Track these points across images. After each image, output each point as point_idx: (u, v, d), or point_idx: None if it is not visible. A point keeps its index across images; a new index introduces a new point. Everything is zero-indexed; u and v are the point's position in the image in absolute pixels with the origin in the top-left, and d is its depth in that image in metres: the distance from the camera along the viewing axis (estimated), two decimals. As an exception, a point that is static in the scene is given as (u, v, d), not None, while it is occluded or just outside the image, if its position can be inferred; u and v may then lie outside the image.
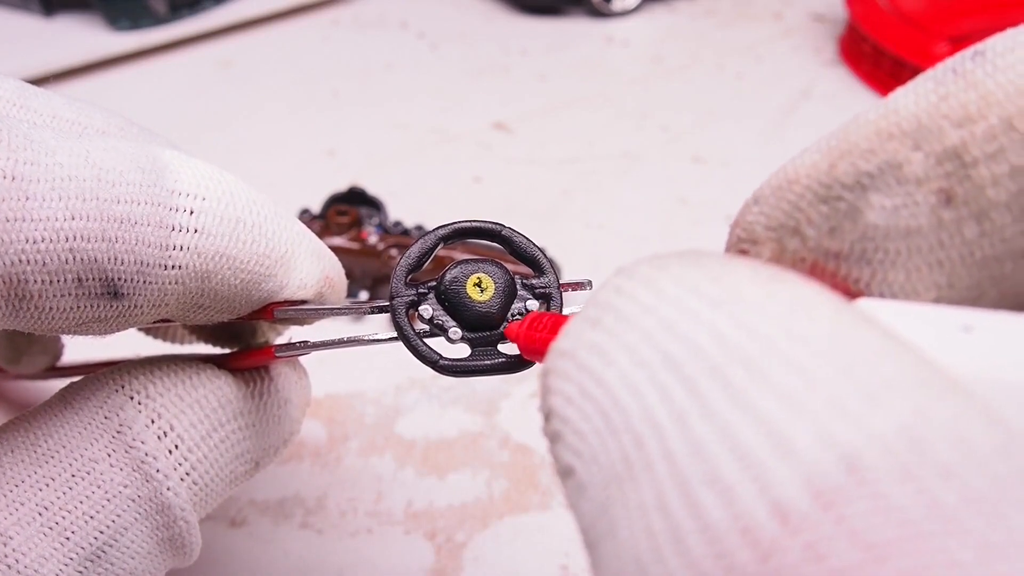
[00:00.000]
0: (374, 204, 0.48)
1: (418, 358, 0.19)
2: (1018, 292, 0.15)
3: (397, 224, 0.46)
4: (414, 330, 0.20)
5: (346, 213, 0.44)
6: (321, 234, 0.44)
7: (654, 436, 0.10)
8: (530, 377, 0.40)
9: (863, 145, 0.15)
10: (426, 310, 0.20)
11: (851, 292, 0.16)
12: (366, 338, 0.21)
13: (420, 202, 0.53)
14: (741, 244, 0.17)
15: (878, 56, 0.64)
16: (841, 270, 0.16)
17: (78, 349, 0.29)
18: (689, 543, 0.09)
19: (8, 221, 0.16)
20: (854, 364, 0.10)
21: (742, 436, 0.10)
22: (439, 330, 0.20)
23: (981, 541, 0.08)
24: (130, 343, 0.28)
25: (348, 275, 0.25)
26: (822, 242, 0.15)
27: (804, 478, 0.09)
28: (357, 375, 0.40)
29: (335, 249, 0.33)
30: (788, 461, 0.09)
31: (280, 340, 0.26)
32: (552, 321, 0.17)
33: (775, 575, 0.09)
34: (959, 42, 0.59)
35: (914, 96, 0.14)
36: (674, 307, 0.11)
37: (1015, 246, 0.14)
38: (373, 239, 0.44)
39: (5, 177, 0.16)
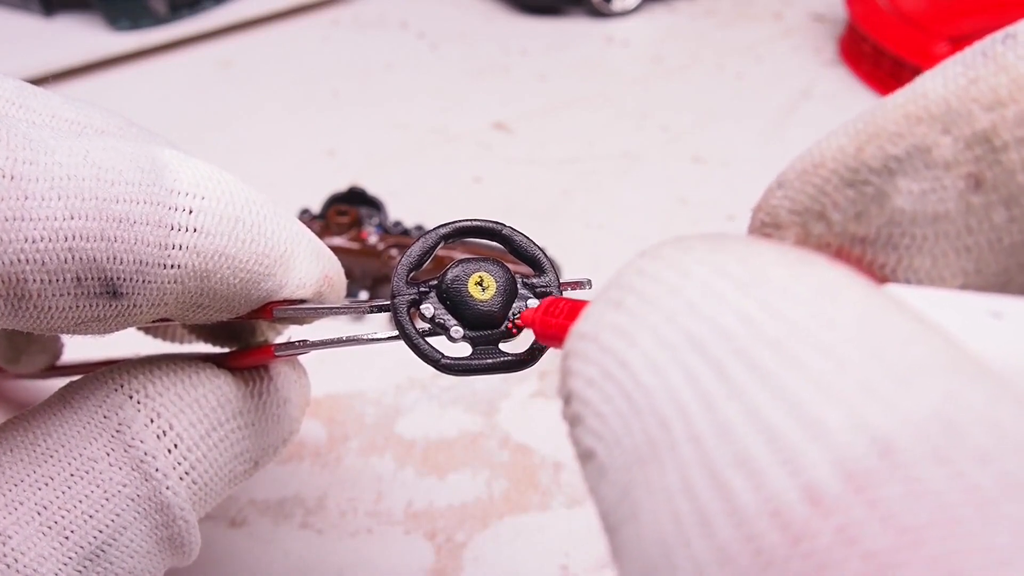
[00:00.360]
0: (374, 204, 0.48)
1: (420, 357, 0.19)
2: None
3: (397, 224, 0.46)
4: (416, 329, 0.20)
5: (346, 213, 0.44)
6: (321, 234, 0.44)
7: (680, 417, 0.10)
8: (530, 377, 0.40)
9: (891, 128, 0.15)
10: (428, 309, 0.20)
11: (876, 278, 0.16)
12: (365, 337, 0.21)
13: (420, 202, 0.53)
14: (764, 228, 0.16)
15: (878, 56, 0.64)
16: (867, 256, 0.15)
17: (77, 348, 0.29)
18: (716, 526, 0.09)
19: (7, 220, 0.16)
20: (884, 347, 0.10)
21: (772, 418, 0.09)
22: (440, 329, 0.20)
23: (1018, 526, 0.08)
24: (129, 342, 0.28)
25: (348, 275, 0.25)
26: (848, 227, 0.15)
27: (836, 461, 0.09)
28: (357, 375, 0.40)
29: (335, 249, 0.33)
30: (819, 443, 0.09)
31: (279, 339, 0.26)
32: (569, 306, 0.17)
33: (806, 558, 0.08)
34: (959, 42, 0.59)
35: (943, 79, 0.14)
36: (699, 288, 0.11)
37: None
38: (373, 239, 0.44)
39: (4, 176, 0.16)
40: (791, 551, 0.09)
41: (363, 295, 0.45)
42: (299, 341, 0.21)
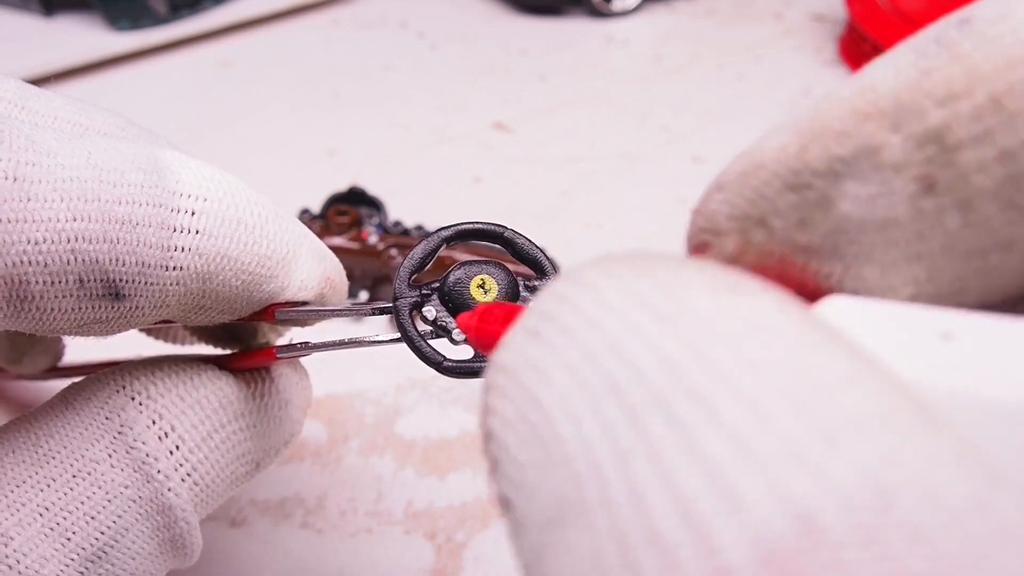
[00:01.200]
0: (374, 204, 0.48)
1: (422, 359, 0.19)
2: (1005, 285, 0.13)
3: (397, 224, 0.46)
4: (418, 331, 0.20)
5: (346, 213, 0.45)
6: (321, 234, 0.44)
7: (594, 477, 0.09)
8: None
9: (836, 127, 0.13)
10: (429, 311, 0.20)
11: (822, 288, 0.14)
12: (367, 339, 0.21)
13: (420, 202, 0.53)
14: (703, 235, 0.15)
15: (878, 56, 0.64)
16: (811, 265, 0.14)
17: (79, 349, 0.29)
18: None
19: (10, 222, 0.16)
20: (813, 397, 0.09)
21: (687, 486, 0.08)
22: (442, 331, 0.20)
23: None
24: (131, 343, 0.28)
25: (348, 275, 0.25)
26: (791, 234, 0.14)
27: (752, 540, 0.08)
28: (357, 375, 0.40)
29: (335, 249, 0.33)
30: (736, 520, 0.08)
31: (281, 341, 0.26)
32: (504, 312, 0.16)
33: None
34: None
35: (893, 71, 0.13)
36: (620, 321, 0.10)
37: (1001, 236, 0.13)
38: (373, 239, 0.44)
39: (7, 178, 0.16)
40: None
41: (363, 295, 0.45)
42: (301, 343, 0.22)
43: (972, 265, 0.13)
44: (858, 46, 0.67)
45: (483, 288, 0.20)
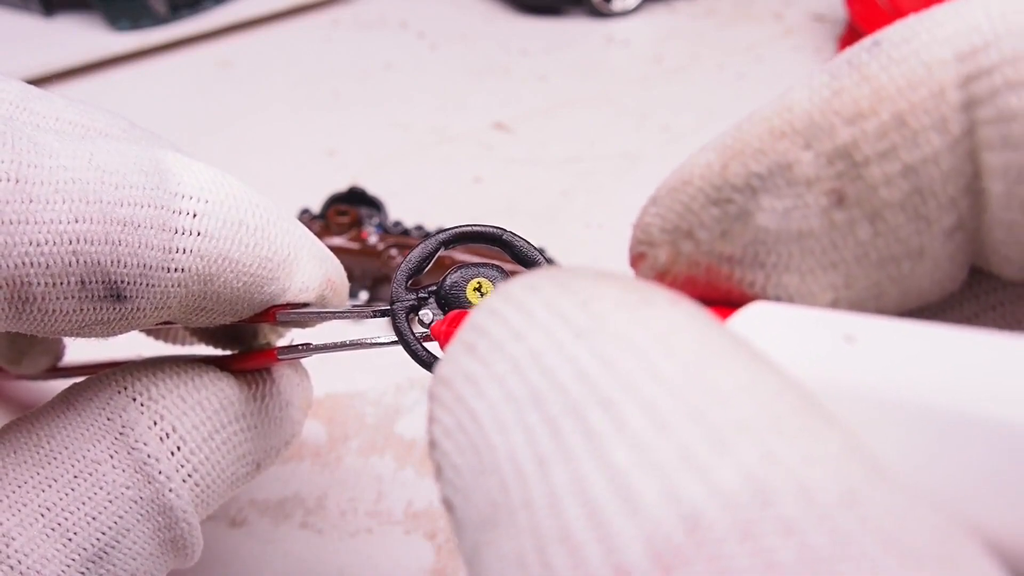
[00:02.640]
0: (374, 204, 0.48)
1: (418, 362, 0.20)
2: (921, 290, 0.14)
3: (397, 224, 0.46)
4: (414, 334, 0.20)
5: (346, 213, 0.45)
6: (321, 234, 0.44)
7: (518, 482, 0.10)
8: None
9: (755, 144, 0.14)
10: (426, 314, 0.20)
11: (747, 296, 0.15)
12: (368, 341, 0.21)
13: (420, 202, 0.53)
14: (640, 246, 0.16)
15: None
16: (735, 274, 0.15)
17: (79, 350, 0.29)
18: None
19: (12, 224, 0.16)
20: (708, 405, 0.09)
21: (594, 489, 0.09)
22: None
23: None
24: (132, 344, 0.28)
25: (348, 275, 0.25)
26: (715, 246, 0.15)
27: (647, 538, 0.08)
28: (357, 375, 0.40)
29: (335, 249, 0.33)
30: (634, 520, 0.09)
31: (282, 342, 0.26)
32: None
33: None
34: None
35: (808, 91, 0.14)
36: (542, 335, 0.11)
37: (911, 245, 0.13)
38: (373, 239, 0.44)
39: (9, 180, 0.16)
40: None
41: (363, 295, 0.45)
42: (302, 344, 0.22)
43: (886, 272, 0.14)
44: (858, 46, 0.67)
45: (479, 291, 0.20)
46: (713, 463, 0.09)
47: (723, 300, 0.16)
